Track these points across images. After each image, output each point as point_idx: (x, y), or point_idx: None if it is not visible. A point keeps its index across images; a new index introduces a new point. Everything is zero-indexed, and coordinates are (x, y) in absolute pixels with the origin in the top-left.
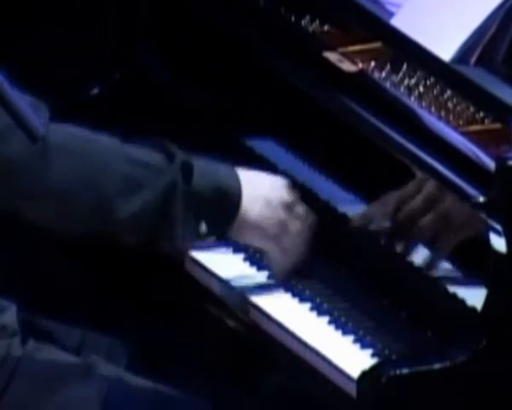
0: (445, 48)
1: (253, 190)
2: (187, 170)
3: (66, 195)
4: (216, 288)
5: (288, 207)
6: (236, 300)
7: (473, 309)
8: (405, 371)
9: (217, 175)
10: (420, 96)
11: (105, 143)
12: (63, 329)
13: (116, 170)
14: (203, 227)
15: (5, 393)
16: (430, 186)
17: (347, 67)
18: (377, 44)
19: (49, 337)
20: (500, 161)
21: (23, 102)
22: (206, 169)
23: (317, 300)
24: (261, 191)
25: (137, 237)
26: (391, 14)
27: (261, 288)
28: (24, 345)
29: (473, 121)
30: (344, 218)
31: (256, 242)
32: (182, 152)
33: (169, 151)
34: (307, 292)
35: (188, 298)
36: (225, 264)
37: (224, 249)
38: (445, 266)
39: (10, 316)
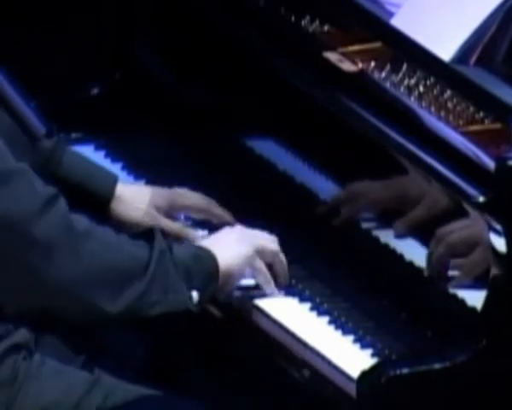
0: (445, 48)
1: (216, 246)
2: (165, 238)
3: (90, 281)
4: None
5: (243, 231)
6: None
7: (473, 309)
8: (405, 371)
9: (189, 244)
10: (420, 96)
11: (107, 230)
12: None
13: (128, 252)
14: (195, 295)
15: (12, 407)
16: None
17: (347, 67)
18: (377, 44)
19: (59, 346)
20: (500, 161)
21: (23, 102)
22: (179, 243)
23: (317, 300)
24: (220, 240)
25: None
26: (391, 14)
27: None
28: (30, 359)
29: (473, 121)
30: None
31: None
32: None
33: (143, 232)
34: (307, 292)
35: None
36: None
37: None
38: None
39: (22, 333)
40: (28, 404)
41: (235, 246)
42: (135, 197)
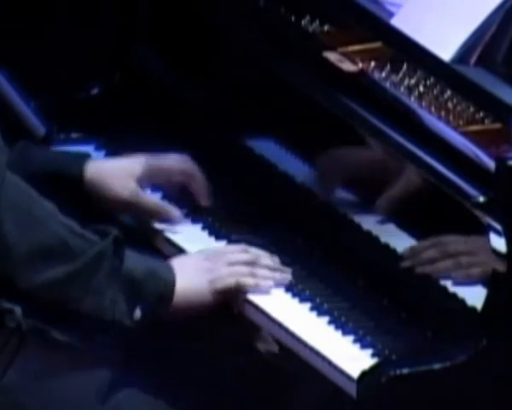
0: (445, 48)
1: (182, 269)
2: (119, 244)
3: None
4: None
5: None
6: None
7: (473, 309)
8: (405, 371)
9: (149, 259)
10: (420, 96)
11: (48, 206)
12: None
13: (53, 231)
14: (137, 313)
15: (4, 377)
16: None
17: (347, 67)
18: (377, 44)
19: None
20: (500, 161)
21: (23, 102)
22: (137, 253)
23: (317, 300)
24: (188, 265)
25: (57, 299)
26: (391, 14)
27: None
28: (27, 336)
29: (473, 121)
30: (344, 218)
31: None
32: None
33: (104, 231)
34: (307, 292)
35: None
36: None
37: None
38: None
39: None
40: (22, 380)
41: (199, 274)
42: (111, 173)
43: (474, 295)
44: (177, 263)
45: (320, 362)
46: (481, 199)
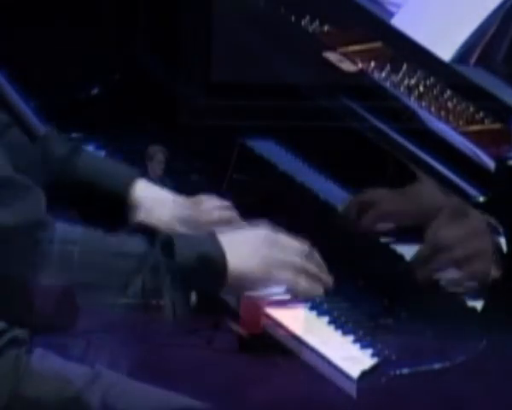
0: (445, 48)
1: (236, 247)
2: (168, 245)
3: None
4: None
5: (272, 242)
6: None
7: (473, 309)
8: (405, 371)
9: (198, 243)
10: (420, 96)
11: (97, 240)
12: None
13: (109, 268)
14: (193, 297)
15: (12, 401)
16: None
17: (347, 67)
18: (377, 44)
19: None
20: (500, 161)
21: (23, 102)
22: (186, 239)
23: (317, 300)
24: (244, 244)
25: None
26: (391, 14)
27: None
28: (31, 353)
29: (473, 121)
30: (344, 218)
31: (265, 284)
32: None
33: (148, 234)
34: None
35: None
36: None
37: None
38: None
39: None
40: (28, 397)
41: (253, 256)
42: (157, 206)
43: (474, 295)
44: (226, 240)
45: (320, 362)
46: (481, 199)
